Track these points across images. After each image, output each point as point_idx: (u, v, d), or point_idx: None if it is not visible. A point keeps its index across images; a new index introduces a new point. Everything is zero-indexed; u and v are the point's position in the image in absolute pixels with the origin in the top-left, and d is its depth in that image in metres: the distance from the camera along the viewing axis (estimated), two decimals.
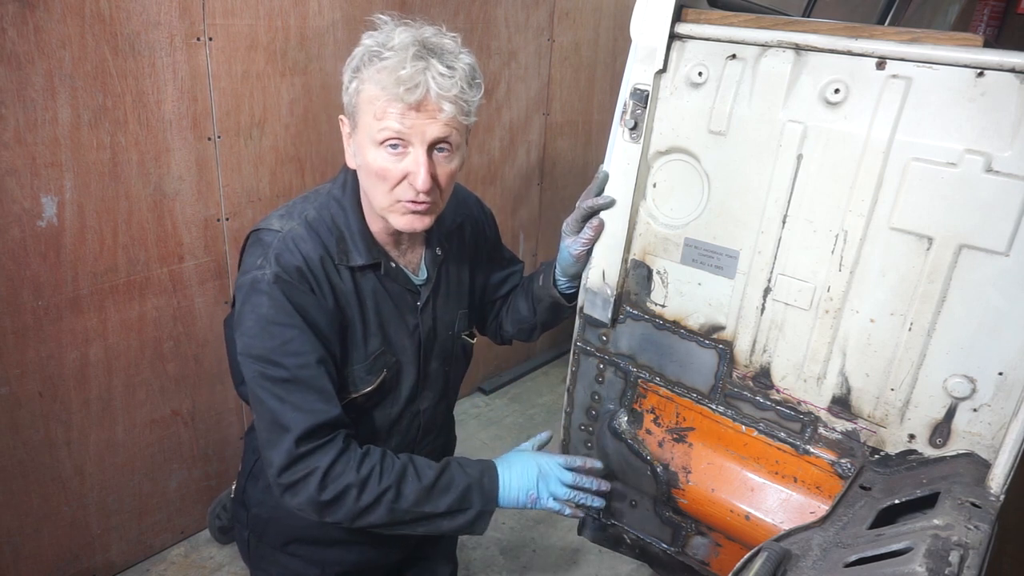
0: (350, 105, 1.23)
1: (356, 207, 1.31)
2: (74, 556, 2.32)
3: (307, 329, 1.22)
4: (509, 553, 2.77)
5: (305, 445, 1.20)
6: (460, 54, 1.21)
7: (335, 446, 1.22)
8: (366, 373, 1.34)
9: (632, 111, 1.34)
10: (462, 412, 3.51)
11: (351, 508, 1.22)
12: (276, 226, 1.27)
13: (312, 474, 1.20)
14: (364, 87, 1.18)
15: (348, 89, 1.22)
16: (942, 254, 1.10)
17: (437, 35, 1.21)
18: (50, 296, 2.03)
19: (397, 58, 1.14)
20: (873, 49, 1.12)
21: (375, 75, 1.16)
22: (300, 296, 1.22)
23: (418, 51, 1.15)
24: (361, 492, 1.22)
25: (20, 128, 1.85)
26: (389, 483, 1.24)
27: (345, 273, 1.29)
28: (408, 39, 1.17)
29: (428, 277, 1.41)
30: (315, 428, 1.20)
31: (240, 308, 1.24)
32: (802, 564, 0.99)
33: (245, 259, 1.29)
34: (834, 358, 1.25)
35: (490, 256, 1.61)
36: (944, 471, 1.12)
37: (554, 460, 1.40)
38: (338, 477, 1.21)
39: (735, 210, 1.30)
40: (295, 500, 1.22)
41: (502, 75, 3.18)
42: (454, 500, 1.29)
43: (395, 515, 1.26)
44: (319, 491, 1.20)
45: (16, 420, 2.06)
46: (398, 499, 1.25)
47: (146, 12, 1.99)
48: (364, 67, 1.18)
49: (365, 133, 1.20)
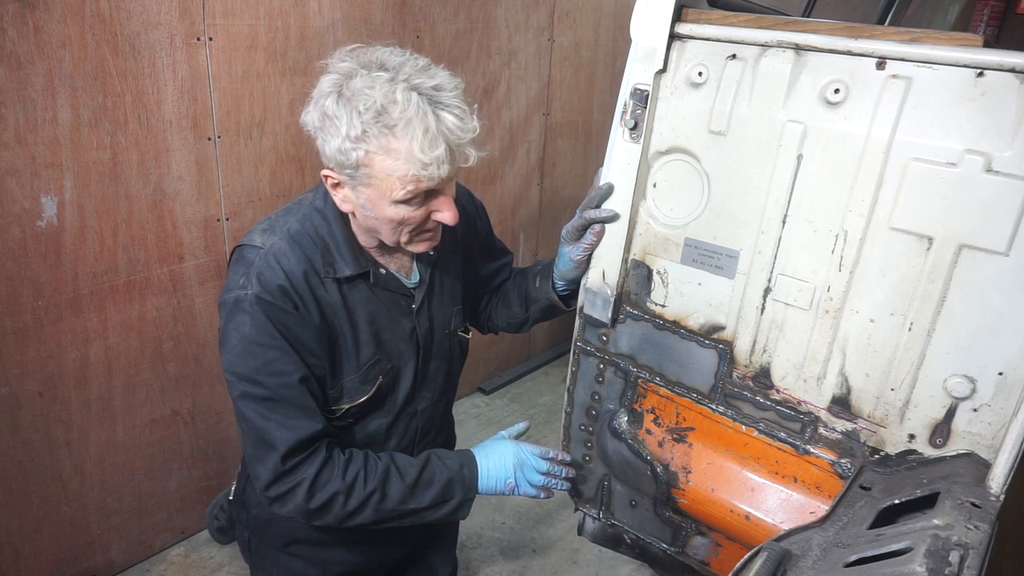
0: (350, 168, 1.15)
1: (339, 217, 1.29)
2: (74, 556, 2.32)
3: (289, 349, 1.22)
4: (509, 553, 2.77)
5: (291, 460, 1.23)
6: (451, 84, 1.15)
7: (319, 456, 1.26)
8: (360, 383, 1.34)
9: (632, 111, 1.34)
10: (462, 412, 3.51)
11: (339, 513, 1.27)
12: (258, 242, 1.26)
13: (299, 485, 1.24)
14: (378, 159, 1.12)
15: (347, 154, 1.13)
16: (942, 254, 1.10)
17: (420, 71, 1.14)
18: (50, 296, 2.03)
19: (410, 134, 1.10)
20: (873, 49, 1.12)
21: (390, 151, 1.11)
22: (282, 315, 1.22)
23: (426, 115, 1.10)
24: (348, 498, 1.27)
25: (20, 128, 1.85)
26: (374, 486, 1.29)
27: (332, 286, 1.27)
28: (414, 101, 1.10)
29: (421, 279, 1.40)
30: (298, 444, 1.23)
31: (224, 326, 1.24)
32: (802, 564, 0.99)
33: (229, 276, 1.28)
34: (834, 358, 1.25)
35: (482, 248, 1.60)
36: (944, 471, 1.12)
37: (530, 450, 1.46)
38: (324, 485, 1.25)
39: (735, 210, 1.30)
40: (284, 509, 1.27)
41: (502, 75, 3.18)
42: (437, 493, 1.35)
43: (381, 514, 1.31)
44: (307, 500, 1.25)
45: (16, 420, 2.06)
46: (384, 500, 1.30)
47: (146, 12, 1.99)
48: (371, 137, 1.11)
49: (381, 195, 1.17)
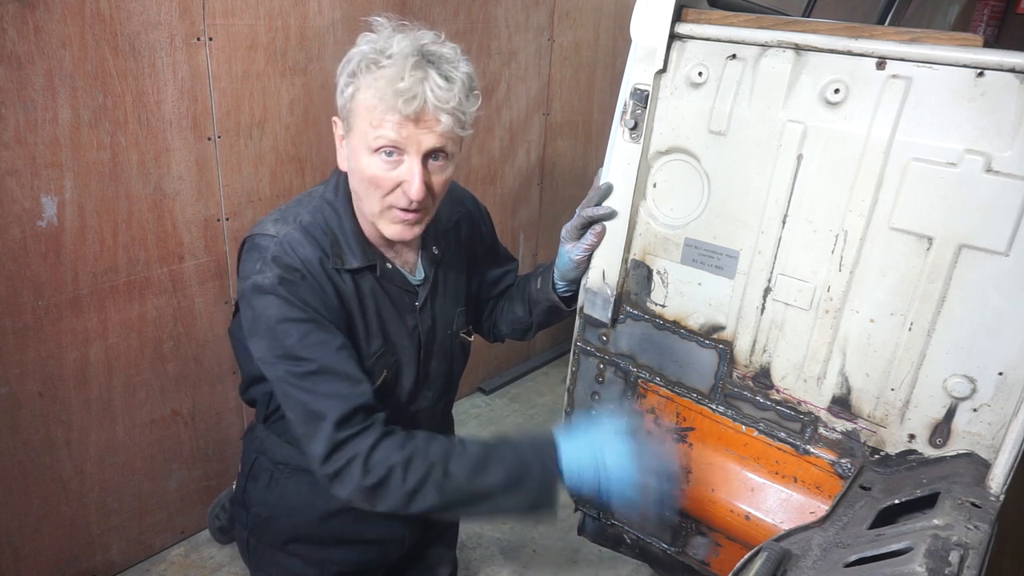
0: (344, 109, 1.22)
1: (349, 210, 1.31)
2: (74, 556, 2.32)
3: (320, 319, 1.21)
4: (509, 553, 2.77)
5: (344, 431, 1.17)
6: (459, 63, 1.20)
7: (375, 431, 1.19)
8: (367, 373, 1.34)
9: (632, 111, 1.34)
10: (462, 412, 3.51)
11: (398, 491, 1.17)
12: (271, 231, 1.27)
13: (355, 459, 1.17)
14: (360, 94, 1.17)
15: (343, 92, 1.20)
16: (942, 254, 1.10)
17: (436, 43, 1.19)
18: (50, 296, 2.03)
19: (395, 67, 1.13)
20: (873, 49, 1.12)
21: (372, 83, 1.15)
22: (305, 292, 1.22)
23: (417, 61, 1.14)
24: (406, 472, 1.17)
25: (20, 128, 1.85)
26: (434, 459, 1.18)
27: (346, 275, 1.29)
28: (407, 47, 1.15)
29: (426, 277, 1.41)
30: (350, 412, 1.18)
31: (248, 314, 1.23)
32: (802, 564, 0.99)
33: (243, 265, 1.29)
34: (834, 358, 1.25)
35: (486, 253, 1.61)
36: (944, 471, 1.12)
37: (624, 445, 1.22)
38: (381, 459, 1.17)
39: (735, 210, 1.30)
40: (343, 491, 1.19)
41: (502, 75, 3.18)
42: (508, 473, 1.19)
43: (446, 495, 1.19)
44: (363, 475, 1.16)
45: (16, 420, 2.06)
46: (447, 476, 1.18)
47: (146, 12, 1.99)
48: (361, 73, 1.16)
49: (360, 139, 1.20)
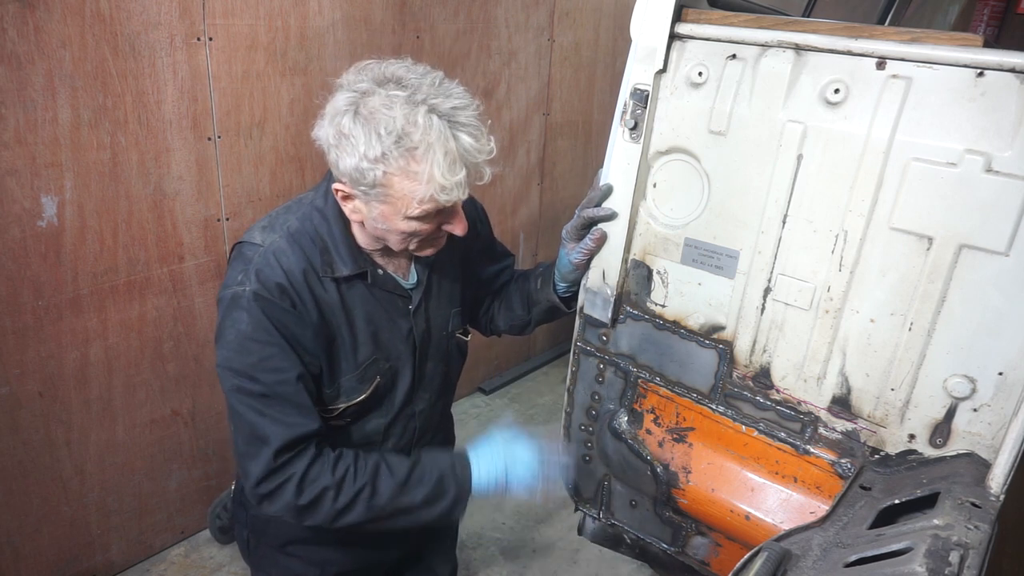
0: (365, 184, 1.16)
1: (339, 217, 1.29)
2: (74, 556, 2.32)
3: (286, 346, 1.22)
4: (509, 553, 2.77)
5: (282, 457, 1.22)
6: (471, 106, 1.17)
7: (308, 452, 1.25)
8: (358, 383, 1.34)
9: (632, 111, 1.34)
10: (462, 412, 3.51)
11: (329, 510, 1.26)
12: (258, 239, 1.27)
13: (289, 481, 1.23)
14: (397, 180, 1.14)
15: (363, 171, 1.14)
16: (942, 254, 1.10)
17: (440, 91, 1.15)
18: (50, 296, 2.03)
19: (434, 154, 1.11)
20: (873, 49, 1.12)
21: (412, 169, 1.12)
22: (279, 313, 1.22)
23: (451, 139, 1.12)
24: (338, 493, 1.25)
25: (20, 128, 1.85)
26: (364, 481, 1.27)
27: (330, 285, 1.28)
28: (435, 125, 1.11)
29: (419, 280, 1.40)
30: (293, 441, 1.23)
31: (221, 322, 1.24)
32: (802, 564, 0.99)
33: (228, 273, 1.29)
34: (834, 358, 1.25)
35: (482, 251, 1.60)
36: (944, 471, 1.11)
37: (523, 449, 1.39)
38: (314, 481, 1.24)
39: (735, 210, 1.30)
40: (273, 507, 1.25)
41: (502, 75, 3.18)
42: (429, 490, 1.32)
43: (373, 512, 1.28)
44: (296, 496, 1.23)
45: (16, 420, 2.06)
46: (374, 496, 1.27)
47: (146, 12, 1.99)
48: (391, 159, 1.12)
49: (396, 211, 1.18)
